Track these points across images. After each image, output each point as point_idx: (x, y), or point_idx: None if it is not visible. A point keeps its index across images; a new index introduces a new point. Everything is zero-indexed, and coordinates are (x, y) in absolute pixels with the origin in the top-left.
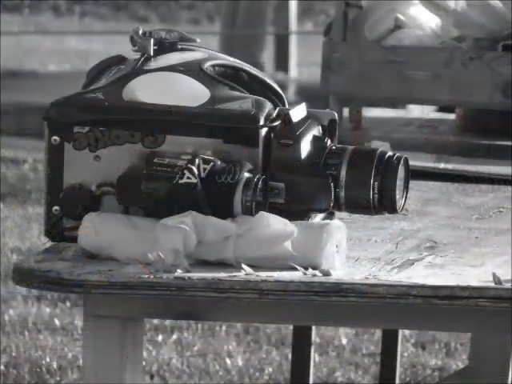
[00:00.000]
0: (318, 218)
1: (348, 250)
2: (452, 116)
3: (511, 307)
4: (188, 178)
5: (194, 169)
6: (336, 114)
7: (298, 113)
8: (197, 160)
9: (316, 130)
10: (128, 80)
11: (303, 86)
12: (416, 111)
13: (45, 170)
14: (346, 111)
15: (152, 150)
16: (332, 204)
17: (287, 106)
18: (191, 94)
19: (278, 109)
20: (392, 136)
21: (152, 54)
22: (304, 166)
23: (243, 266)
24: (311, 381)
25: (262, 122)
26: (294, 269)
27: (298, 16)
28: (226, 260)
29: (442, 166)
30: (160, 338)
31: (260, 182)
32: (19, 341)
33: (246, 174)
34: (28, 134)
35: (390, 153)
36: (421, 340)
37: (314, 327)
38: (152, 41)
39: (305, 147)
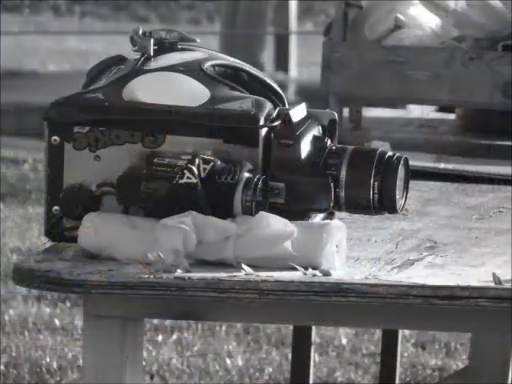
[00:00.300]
0: (318, 218)
1: (348, 250)
2: (452, 116)
3: (511, 307)
4: (188, 178)
5: (194, 169)
6: (336, 114)
7: (298, 113)
8: (197, 160)
9: (316, 130)
10: (128, 80)
11: (303, 86)
12: (416, 111)
13: (45, 170)
14: (346, 111)
15: (152, 149)
16: (332, 204)
17: (287, 106)
18: (191, 94)
19: (278, 109)
20: (392, 136)
21: (152, 53)
22: (304, 166)
23: (243, 266)
24: (311, 381)
25: (262, 122)
26: (294, 269)
27: (298, 16)
28: (226, 260)
29: (442, 166)
30: (160, 338)
31: (260, 182)
32: (19, 341)
33: (246, 174)
34: (28, 134)
35: (390, 153)
36: (421, 340)
37: (314, 327)
38: (152, 41)
39: (305, 147)
